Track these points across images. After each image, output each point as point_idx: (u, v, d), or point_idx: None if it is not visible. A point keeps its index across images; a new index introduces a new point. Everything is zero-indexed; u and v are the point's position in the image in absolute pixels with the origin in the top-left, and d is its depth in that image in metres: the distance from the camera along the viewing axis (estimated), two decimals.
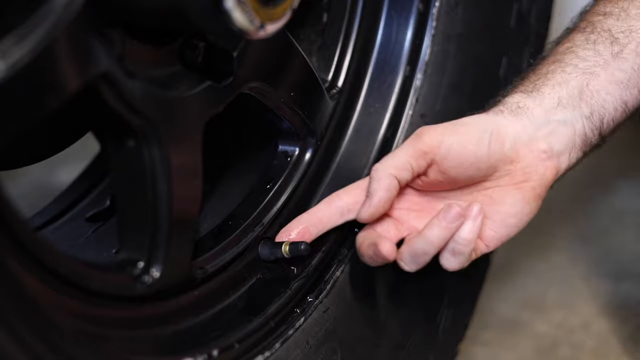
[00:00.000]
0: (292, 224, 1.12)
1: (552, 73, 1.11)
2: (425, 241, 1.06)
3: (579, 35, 1.13)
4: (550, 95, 1.10)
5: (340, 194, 1.12)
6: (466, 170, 1.07)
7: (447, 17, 1.25)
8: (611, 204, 2.02)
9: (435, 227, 1.05)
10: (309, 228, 1.11)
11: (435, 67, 1.25)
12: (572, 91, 1.10)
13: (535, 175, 1.10)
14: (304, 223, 1.11)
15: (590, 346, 1.60)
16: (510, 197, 1.11)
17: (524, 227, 1.14)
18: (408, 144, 1.07)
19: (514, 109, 1.10)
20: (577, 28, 1.14)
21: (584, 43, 1.11)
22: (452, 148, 1.06)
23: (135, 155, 0.94)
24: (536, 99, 1.10)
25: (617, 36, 1.11)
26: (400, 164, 1.06)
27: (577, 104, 1.10)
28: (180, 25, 0.95)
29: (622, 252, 1.85)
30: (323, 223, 1.12)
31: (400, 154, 1.07)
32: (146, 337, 0.99)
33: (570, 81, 1.10)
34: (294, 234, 1.11)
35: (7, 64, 0.76)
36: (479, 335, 1.60)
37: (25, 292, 0.83)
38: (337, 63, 1.22)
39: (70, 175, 1.35)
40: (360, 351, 1.17)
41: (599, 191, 2.06)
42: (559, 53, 1.13)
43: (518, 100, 1.10)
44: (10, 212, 0.82)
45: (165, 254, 0.97)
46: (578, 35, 1.13)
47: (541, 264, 1.82)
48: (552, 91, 1.10)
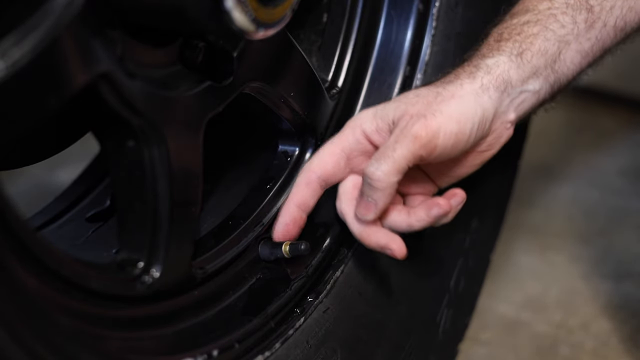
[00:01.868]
0: (282, 215, 1.12)
1: (534, 37, 1.10)
2: (408, 227, 1.09)
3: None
4: (530, 64, 1.10)
5: (314, 168, 1.11)
6: (448, 156, 1.09)
7: (447, 17, 1.25)
8: (611, 204, 2.02)
9: (421, 221, 1.08)
10: (299, 213, 1.12)
11: (435, 67, 1.25)
12: (547, 60, 1.10)
13: (497, 145, 1.12)
14: (292, 209, 1.11)
15: (590, 346, 1.60)
16: (471, 161, 1.14)
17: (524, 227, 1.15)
18: (406, 146, 1.05)
19: (499, 83, 1.09)
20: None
21: (564, 7, 1.11)
22: (446, 148, 1.06)
23: (135, 155, 0.94)
24: (519, 68, 1.09)
25: (592, 3, 1.11)
26: (401, 169, 1.05)
27: (549, 74, 1.11)
28: (181, 25, 0.95)
29: (622, 252, 1.85)
30: (309, 203, 1.12)
31: (399, 158, 1.05)
32: (146, 337, 0.99)
33: (549, 50, 1.10)
34: (288, 221, 1.11)
35: (7, 64, 0.76)
36: (479, 335, 1.61)
37: (26, 292, 0.83)
38: (337, 63, 1.22)
39: (70, 175, 1.35)
40: (360, 351, 1.17)
41: (599, 191, 2.06)
42: (541, 12, 1.12)
43: (503, 71, 1.09)
44: (11, 212, 0.82)
45: (165, 254, 0.97)
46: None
47: (541, 264, 1.82)
48: (532, 59, 1.10)
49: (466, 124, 1.07)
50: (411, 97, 1.08)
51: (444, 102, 1.06)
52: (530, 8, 1.12)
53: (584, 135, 2.30)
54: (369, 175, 1.05)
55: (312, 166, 1.11)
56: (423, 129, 1.04)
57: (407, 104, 1.07)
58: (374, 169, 1.05)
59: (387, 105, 1.09)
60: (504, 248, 1.13)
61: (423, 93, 1.08)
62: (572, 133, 2.27)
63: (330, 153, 1.10)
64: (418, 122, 1.05)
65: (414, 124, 1.05)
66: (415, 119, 1.05)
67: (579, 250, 1.85)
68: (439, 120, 1.05)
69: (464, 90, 1.07)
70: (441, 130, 1.05)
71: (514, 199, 1.42)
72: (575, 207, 2.01)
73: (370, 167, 1.05)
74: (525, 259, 1.83)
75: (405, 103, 1.08)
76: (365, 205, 1.07)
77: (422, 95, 1.08)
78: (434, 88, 1.09)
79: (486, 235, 1.36)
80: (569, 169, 2.16)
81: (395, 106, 1.08)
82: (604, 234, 1.91)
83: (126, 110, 0.90)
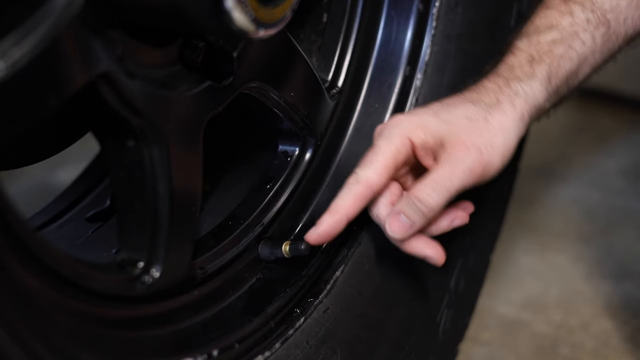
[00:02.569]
0: (328, 223, 1.07)
1: (561, 59, 1.11)
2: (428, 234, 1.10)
3: (580, 12, 1.12)
4: (555, 87, 1.12)
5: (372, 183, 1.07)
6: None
7: (447, 17, 1.24)
8: (611, 204, 2.02)
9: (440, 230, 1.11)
10: (345, 223, 1.08)
11: (435, 67, 1.25)
12: (567, 80, 1.12)
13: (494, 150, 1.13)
14: (342, 220, 1.08)
15: (590, 346, 1.60)
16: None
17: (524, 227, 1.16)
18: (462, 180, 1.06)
19: (533, 111, 1.10)
20: (574, 0, 1.13)
21: (584, 23, 1.12)
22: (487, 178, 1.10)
23: (135, 155, 0.94)
24: (546, 92, 1.11)
25: (609, 18, 1.12)
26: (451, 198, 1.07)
27: (564, 90, 1.13)
28: (181, 25, 0.95)
29: (622, 252, 1.85)
30: (355, 214, 1.09)
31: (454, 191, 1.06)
32: (146, 337, 0.99)
33: (571, 70, 1.12)
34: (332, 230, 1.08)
35: (7, 63, 0.76)
36: (479, 335, 1.61)
37: (26, 292, 0.83)
38: (337, 63, 1.22)
39: (70, 175, 1.35)
40: (360, 351, 1.17)
41: (599, 191, 2.06)
42: (565, 29, 1.12)
43: (536, 98, 1.10)
44: (11, 212, 0.82)
45: (165, 254, 0.97)
46: (578, 11, 1.12)
47: (541, 264, 1.82)
48: (557, 82, 1.11)
49: (507, 157, 1.10)
50: (461, 117, 1.08)
51: (494, 134, 1.08)
52: (554, 24, 1.12)
53: (584, 135, 2.30)
54: (421, 201, 1.05)
55: (370, 181, 1.07)
56: (479, 165, 1.07)
57: (458, 127, 1.07)
58: (427, 196, 1.05)
59: (436, 120, 1.08)
60: (504, 248, 1.13)
61: (472, 115, 1.08)
62: (573, 133, 2.27)
63: (386, 167, 1.07)
64: (474, 157, 1.06)
65: (470, 158, 1.06)
66: (471, 152, 1.06)
67: (579, 250, 1.85)
68: (491, 156, 1.08)
69: (508, 120, 1.09)
70: (491, 165, 1.08)
71: (514, 199, 1.42)
72: (576, 207, 2.01)
73: (423, 193, 1.05)
74: (525, 259, 1.83)
75: (456, 125, 1.07)
76: (401, 224, 1.07)
77: (473, 119, 1.08)
78: (481, 111, 1.09)
79: (486, 235, 1.36)
80: (569, 169, 2.16)
81: (446, 127, 1.07)
82: (604, 234, 1.91)
83: (126, 110, 0.90)
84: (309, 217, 1.18)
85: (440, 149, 1.07)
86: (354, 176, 1.08)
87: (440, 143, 1.07)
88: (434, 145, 1.07)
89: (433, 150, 1.08)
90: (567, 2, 1.13)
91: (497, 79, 1.11)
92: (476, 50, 1.28)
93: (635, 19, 1.14)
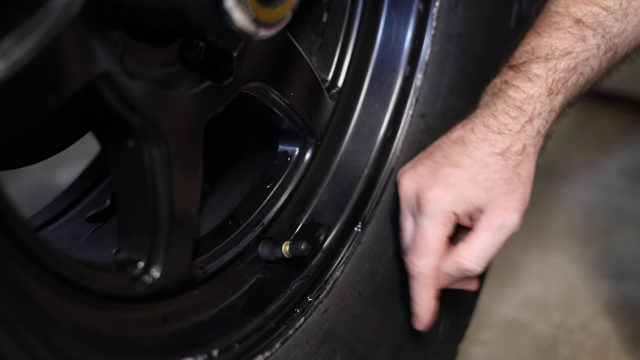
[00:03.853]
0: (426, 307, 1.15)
1: (574, 88, 1.12)
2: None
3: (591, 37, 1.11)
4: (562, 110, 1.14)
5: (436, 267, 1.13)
6: None
7: (447, 17, 1.24)
8: (611, 204, 2.02)
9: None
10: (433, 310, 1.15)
11: (435, 67, 1.25)
12: (570, 103, 1.14)
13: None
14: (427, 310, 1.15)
15: (590, 346, 1.60)
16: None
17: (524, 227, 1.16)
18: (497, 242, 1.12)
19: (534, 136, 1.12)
20: (586, 24, 1.12)
21: (595, 49, 1.12)
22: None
23: (135, 155, 0.94)
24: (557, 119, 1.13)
25: (616, 42, 1.12)
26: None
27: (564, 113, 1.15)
28: (181, 26, 0.95)
29: (622, 252, 1.85)
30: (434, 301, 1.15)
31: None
32: (146, 337, 0.99)
33: (579, 95, 1.14)
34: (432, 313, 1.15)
35: (7, 63, 0.76)
36: (479, 335, 1.61)
37: (26, 292, 0.83)
38: (337, 63, 1.22)
39: (70, 175, 1.35)
40: (360, 351, 1.17)
41: (599, 191, 2.06)
42: (578, 56, 1.11)
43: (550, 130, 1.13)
44: (11, 212, 0.82)
45: (165, 254, 0.97)
46: (590, 37, 1.12)
47: (541, 264, 1.82)
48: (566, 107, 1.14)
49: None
50: (497, 181, 1.11)
51: (526, 185, 1.13)
52: (569, 50, 1.12)
53: (585, 135, 2.30)
54: (468, 269, 1.12)
55: (434, 268, 1.12)
56: (520, 220, 1.12)
57: (497, 192, 1.11)
58: (475, 265, 1.12)
59: (476, 190, 1.11)
60: (504, 248, 1.13)
61: (506, 175, 1.11)
62: (573, 133, 2.27)
63: (440, 248, 1.12)
64: (517, 219, 1.12)
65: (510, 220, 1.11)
66: (511, 215, 1.11)
67: (579, 250, 1.85)
68: (526, 206, 1.13)
69: (532, 163, 1.13)
70: (524, 211, 1.13)
71: None
72: (576, 207, 2.01)
73: (471, 264, 1.12)
74: (525, 259, 1.83)
75: (495, 192, 1.11)
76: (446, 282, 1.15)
77: (508, 181, 1.11)
78: (512, 167, 1.11)
79: None
80: (570, 169, 2.16)
81: (485, 195, 1.11)
82: (604, 234, 1.91)
83: (126, 110, 0.90)
84: (309, 217, 1.19)
85: (479, 212, 1.11)
86: (414, 269, 1.13)
87: (480, 209, 1.11)
88: (474, 211, 1.11)
89: (472, 214, 1.12)
90: (580, 25, 1.12)
91: (520, 116, 1.11)
92: (476, 50, 1.28)
93: (638, 40, 1.14)
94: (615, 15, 1.11)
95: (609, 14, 1.11)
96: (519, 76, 1.12)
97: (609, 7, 1.11)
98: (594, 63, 1.12)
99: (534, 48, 1.12)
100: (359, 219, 1.19)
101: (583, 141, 2.28)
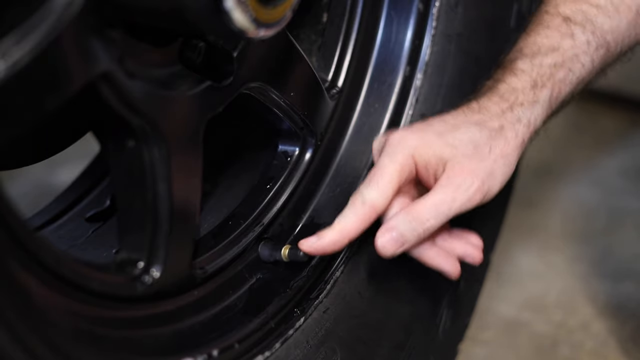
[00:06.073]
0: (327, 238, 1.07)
1: (562, 83, 1.11)
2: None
3: (580, 34, 1.12)
4: (553, 109, 1.13)
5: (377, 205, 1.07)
6: None
7: (447, 17, 1.25)
8: (611, 204, 2.02)
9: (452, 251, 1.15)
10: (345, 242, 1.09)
11: (435, 67, 1.25)
12: (560, 100, 1.13)
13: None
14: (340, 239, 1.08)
15: (589, 346, 1.60)
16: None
17: (524, 227, 1.16)
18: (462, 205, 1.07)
19: (533, 135, 1.12)
20: (574, 21, 1.12)
21: (585, 46, 1.11)
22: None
23: (135, 155, 0.94)
24: (545, 114, 1.12)
25: (608, 39, 1.12)
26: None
27: (554, 111, 1.14)
28: (181, 26, 0.95)
29: (622, 252, 1.85)
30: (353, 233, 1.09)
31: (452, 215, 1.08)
32: (146, 337, 0.99)
33: (569, 92, 1.12)
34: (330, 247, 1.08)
35: (7, 64, 0.76)
36: (479, 335, 1.61)
37: (25, 292, 0.83)
38: (337, 63, 1.22)
39: (70, 175, 1.35)
40: (360, 351, 1.17)
41: (599, 191, 2.06)
42: (565, 52, 1.11)
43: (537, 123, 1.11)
44: (10, 212, 0.82)
45: (165, 254, 0.97)
46: (579, 33, 1.12)
47: (541, 264, 1.82)
48: (556, 104, 1.12)
49: (504, 182, 1.10)
50: (466, 142, 1.08)
51: (496, 162, 1.08)
52: (556, 46, 1.11)
53: (584, 135, 2.30)
54: (419, 222, 1.06)
55: (375, 203, 1.07)
56: (479, 192, 1.08)
57: (463, 152, 1.07)
58: (425, 219, 1.06)
59: (441, 142, 1.08)
60: (504, 248, 1.13)
61: (477, 141, 1.08)
62: (573, 133, 2.27)
63: (391, 187, 1.07)
64: (475, 184, 1.07)
65: (472, 186, 1.07)
66: (473, 180, 1.07)
67: (579, 251, 1.85)
68: (491, 183, 1.08)
69: (510, 148, 1.09)
70: (490, 192, 1.09)
71: (514, 199, 1.42)
72: (575, 207, 2.01)
73: (422, 216, 1.06)
74: (525, 259, 1.83)
75: (461, 150, 1.07)
76: (392, 240, 1.07)
77: (477, 146, 1.08)
78: (485, 137, 1.08)
79: (486, 235, 1.36)
80: (569, 169, 2.16)
81: (451, 151, 1.07)
82: (604, 234, 1.91)
83: (126, 111, 0.90)
84: (309, 217, 1.19)
85: (442, 170, 1.08)
86: (359, 196, 1.07)
87: (443, 165, 1.08)
88: (436, 166, 1.08)
89: (434, 170, 1.08)
90: (568, 22, 1.12)
91: (500, 102, 1.10)
92: (476, 50, 1.28)
93: (632, 37, 1.13)
94: (606, 12, 1.11)
95: (599, 10, 1.11)
96: (505, 72, 1.12)
97: (599, 4, 1.11)
98: (584, 60, 1.12)
99: (522, 47, 1.13)
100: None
101: (583, 141, 2.28)
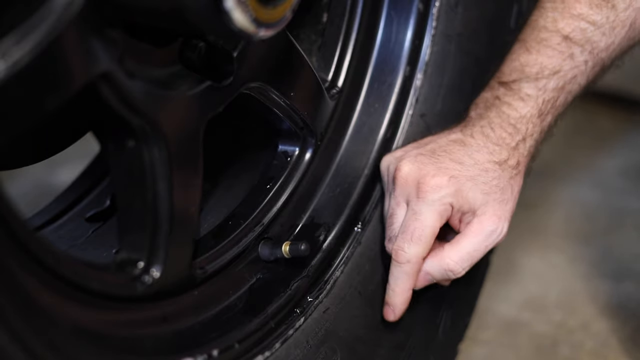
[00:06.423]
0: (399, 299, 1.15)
1: (562, 107, 1.14)
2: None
3: (579, 54, 1.12)
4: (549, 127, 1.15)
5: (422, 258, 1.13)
6: None
7: (447, 17, 1.24)
8: (611, 204, 2.02)
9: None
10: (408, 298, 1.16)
11: (435, 67, 1.25)
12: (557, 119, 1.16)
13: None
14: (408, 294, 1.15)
15: (590, 346, 1.60)
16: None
17: (524, 227, 1.17)
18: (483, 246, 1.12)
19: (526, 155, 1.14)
20: (573, 40, 1.12)
21: (583, 66, 1.12)
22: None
23: (135, 155, 0.94)
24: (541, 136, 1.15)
25: (602, 57, 1.12)
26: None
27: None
28: (181, 26, 0.95)
29: (622, 252, 1.85)
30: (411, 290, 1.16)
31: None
32: (146, 337, 0.99)
33: (563, 111, 1.15)
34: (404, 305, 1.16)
35: (7, 64, 0.76)
36: (479, 335, 1.61)
37: (25, 292, 0.83)
38: (337, 63, 1.22)
39: (70, 175, 1.35)
40: (360, 351, 1.17)
41: (599, 191, 2.06)
42: (566, 74, 1.12)
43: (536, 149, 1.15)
44: (11, 212, 0.82)
45: (165, 254, 0.97)
46: (578, 53, 1.12)
47: (541, 264, 1.82)
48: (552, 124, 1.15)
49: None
50: (495, 188, 1.11)
51: (515, 200, 1.14)
52: (557, 69, 1.12)
53: (584, 135, 2.30)
54: (452, 271, 1.12)
55: (421, 258, 1.12)
56: (504, 235, 1.13)
57: (493, 198, 1.11)
58: (460, 268, 1.12)
59: (476, 190, 1.11)
60: (504, 248, 1.14)
61: (503, 185, 1.12)
62: (572, 133, 2.27)
63: (432, 238, 1.11)
64: (505, 230, 1.13)
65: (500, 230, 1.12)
66: (501, 225, 1.12)
67: (579, 251, 1.85)
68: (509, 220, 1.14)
69: (521, 182, 1.14)
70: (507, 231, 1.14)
71: None
72: (576, 207, 2.01)
73: (456, 266, 1.12)
74: (526, 259, 1.83)
75: (492, 197, 1.11)
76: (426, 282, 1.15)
77: (504, 191, 1.12)
78: (508, 178, 1.12)
79: None
80: (569, 169, 2.16)
81: (483, 198, 1.11)
82: (604, 234, 1.91)
83: (126, 110, 0.90)
84: (309, 217, 1.19)
85: (472, 215, 1.11)
86: (402, 255, 1.11)
87: (473, 211, 1.11)
88: (468, 210, 1.11)
89: (463, 214, 1.12)
90: (567, 41, 1.12)
91: (515, 134, 1.13)
92: (476, 50, 1.28)
93: (624, 50, 1.14)
94: (602, 30, 1.11)
95: (596, 28, 1.11)
96: (510, 94, 1.13)
97: (596, 22, 1.11)
98: (581, 80, 1.13)
99: (524, 65, 1.13)
100: (359, 219, 1.19)
101: (582, 141, 2.28)
